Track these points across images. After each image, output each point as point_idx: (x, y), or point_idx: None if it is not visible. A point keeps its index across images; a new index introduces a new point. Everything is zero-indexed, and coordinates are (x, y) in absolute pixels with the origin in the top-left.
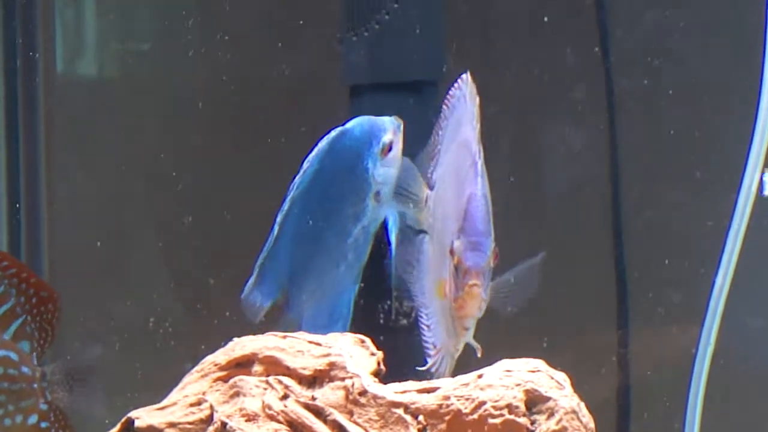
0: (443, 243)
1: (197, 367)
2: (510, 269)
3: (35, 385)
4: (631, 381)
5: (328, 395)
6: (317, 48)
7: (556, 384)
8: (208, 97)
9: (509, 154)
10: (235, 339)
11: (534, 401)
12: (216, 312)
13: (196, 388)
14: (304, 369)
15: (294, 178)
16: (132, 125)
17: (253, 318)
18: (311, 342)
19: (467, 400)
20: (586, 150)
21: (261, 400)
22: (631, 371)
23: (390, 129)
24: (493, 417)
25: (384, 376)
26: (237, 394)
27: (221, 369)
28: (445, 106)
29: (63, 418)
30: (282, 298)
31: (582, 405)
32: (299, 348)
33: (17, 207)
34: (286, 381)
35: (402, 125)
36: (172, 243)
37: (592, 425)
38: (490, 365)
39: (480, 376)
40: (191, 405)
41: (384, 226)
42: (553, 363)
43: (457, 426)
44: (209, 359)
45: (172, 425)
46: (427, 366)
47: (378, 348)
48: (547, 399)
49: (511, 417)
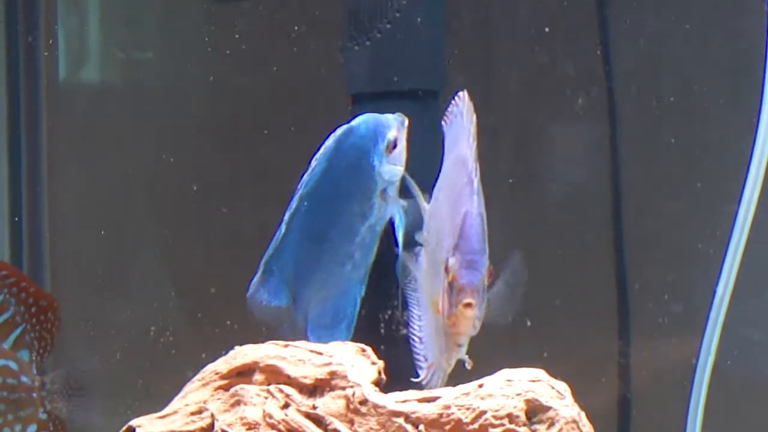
0: (437, 258)
1: (198, 376)
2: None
3: (34, 395)
4: (632, 391)
5: (328, 404)
6: (320, 57)
7: (556, 394)
8: (210, 105)
9: (510, 163)
10: (237, 348)
11: (534, 411)
12: (217, 321)
13: (197, 396)
14: (305, 378)
15: (302, 176)
16: (134, 133)
17: (258, 317)
18: (312, 351)
19: (468, 409)
20: (586, 160)
21: (262, 409)
22: (632, 381)
23: (394, 126)
24: (494, 426)
25: (385, 385)
26: (238, 402)
27: (222, 378)
28: (444, 122)
29: (62, 427)
30: (288, 297)
31: (582, 415)
32: (300, 357)
33: (19, 215)
34: (287, 390)
35: (405, 121)
36: (173, 251)
37: None
38: (490, 375)
39: (481, 385)
40: (192, 413)
41: (390, 224)
42: (554, 373)
43: None
44: (210, 368)
45: None
46: (419, 379)
47: (379, 357)
48: (548, 408)
49: (512, 426)
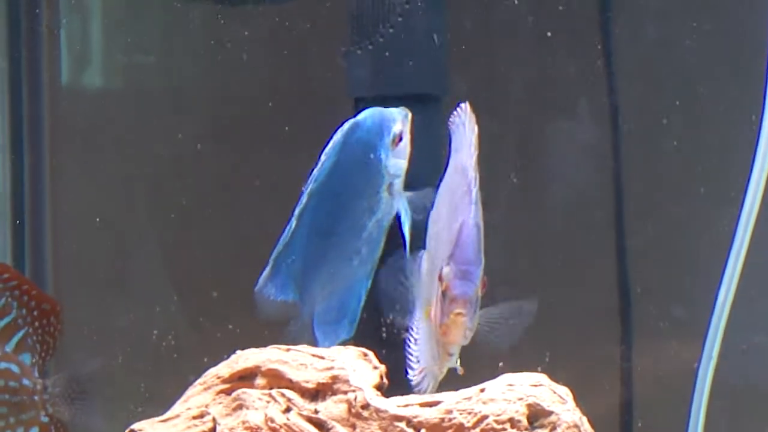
0: (434, 265)
1: (200, 380)
2: (502, 302)
3: (36, 398)
4: (634, 395)
5: (330, 408)
6: (322, 60)
7: (558, 398)
8: (212, 109)
9: (512, 168)
10: (239, 351)
11: (536, 415)
12: (219, 325)
13: (199, 400)
14: (306, 382)
15: (311, 171)
16: (136, 136)
17: (266, 312)
18: (314, 355)
19: (469, 414)
20: (589, 164)
21: (264, 413)
22: (634, 386)
23: (399, 119)
24: (496, 431)
25: (387, 389)
26: (240, 407)
27: (224, 382)
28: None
29: (64, 430)
30: (295, 292)
31: (584, 419)
32: (302, 361)
33: (21, 218)
34: (288, 394)
35: (409, 115)
36: (175, 256)
37: None
38: (492, 379)
39: (482, 390)
40: (194, 417)
41: (396, 219)
42: (556, 377)
43: None
44: (212, 372)
45: None
46: (410, 377)
47: (381, 361)
48: (550, 413)
49: (514, 431)
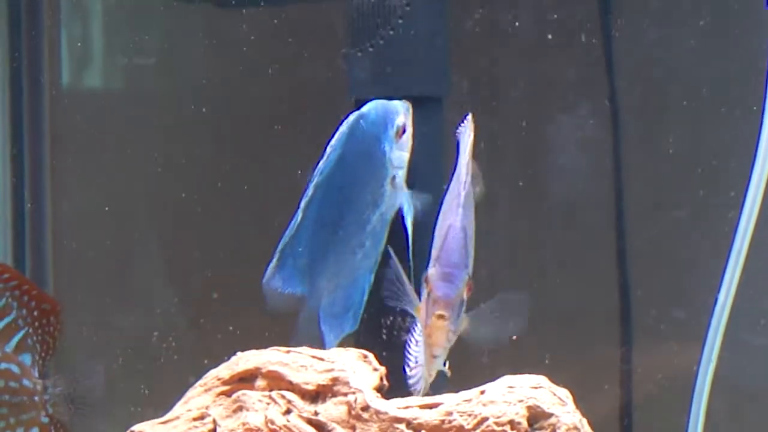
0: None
1: (200, 381)
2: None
3: (36, 398)
4: (634, 398)
5: (330, 410)
6: (323, 62)
7: (558, 400)
8: (213, 111)
9: (512, 170)
10: (239, 353)
11: (536, 417)
12: (219, 326)
13: (199, 402)
14: (307, 384)
15: (317, 163)
16: (136, 138)
17: (273, 304)
18: (314, 357)
19: (470, 415)
20: (589, 168)
21: (264, 414)
22: (634, 388)
23: (402, 111)
24: None
25: (387, 391)
26: (240, 408)
27: (224, 383)
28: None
29: (64, 431)
30: (302, 285)
31: (584, 421)
32: (302, 363)
33: (22, 220)
34: (289, 396)
35: (410, 107)
36: (175, 257)
37: None
38: (492, 381)
39: (483, 392)
40: (194, 419)
41: (399, 213)
42: (556, 379)
43: None
44: (212, 373)
45: None
46: (407, 376)
47: (381, 363)
48: (550, 415)
49: None
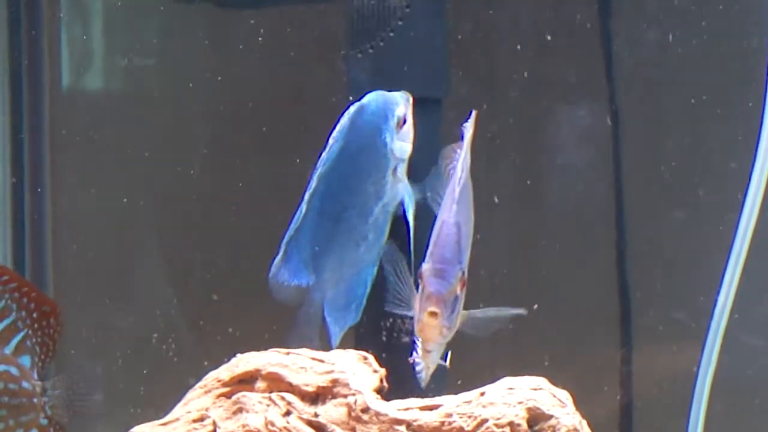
0: None
1: (200, 383)
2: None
3: (35, 400)
4: (634, 399)
5: (330, 412)
6: (323, 64)
7: (558, 402)
8: (212, 112)
9: (512, 171)
10: (239, 355)
11: (536, 419)
12: (219, 328)
13: (199, 403)
14: (306, 385)
15: (320, 154)
16: (136, 140)
17: (279, 297)
18: (314, 359)
19: (469, 417)
20: (589, 169)
21: (264, 416)
22: (634, 389)
23: (402, 102)
24: None
25: (387, 393)
26: (240, 410)
27: (224, 385)
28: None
29: None
30: (307, 277)
31: (584, 423)
32: (302, 364)
33: (22, 221)
34: (288, 397)
35: (410, 99)
36: (175, 258)
37: None
38: (492, 383)
39: (482, 393)
40: (194, 421)
41: (400, 206)
42: (556, 381)
43: None
44: (212, 375)
45: None
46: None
47: (381, 365)
48: (549, 417)
49: None
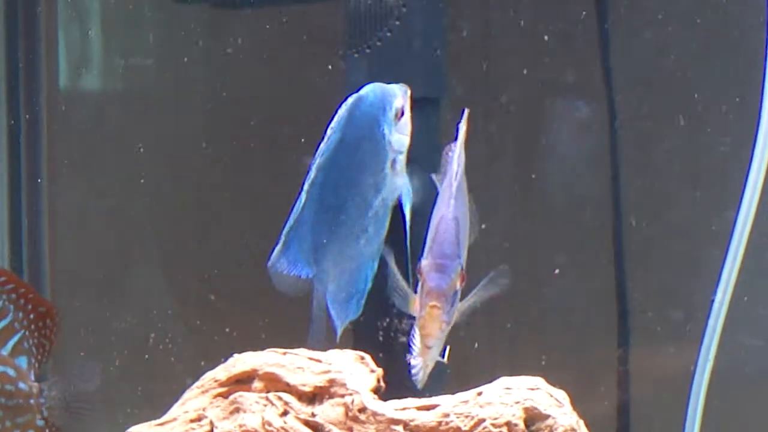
0: None
1: (198, 383)
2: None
3: (32, 401)
4: (631, 399)
5: (327, 412)
6: (320, 63)
7: (555, 402)
8: (210, 113)
9: (509, 172)
10: (236, 355)
11: (533, 419)
12: (216, 328)
13: (196, 404)
14: (304, 385)
15: (318, 145)
16: (134, 140)
17: (280, 287)
18: (311, 359)
19: (467, 417)
20: (587, 168)
21: (261, 416)
22: (631, 389)
23: (399, 94)
24: None
25: (384, 392)
26: (237, 410)
27: (221, 385)
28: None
29: None
30: (308, 268)
31: (581, 423)
32: (299, 364)
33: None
34: (286, 397)
35: (408, 90)
36: (172, 259)
37: None
38: (489, 382)
39: (480, 393)
40: (191, 421)
41: (398, 200)
42: (553, 381)
43: None
44: (209, 375)
45: None
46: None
47: (378, 365)
48: (547, 417)
49: None
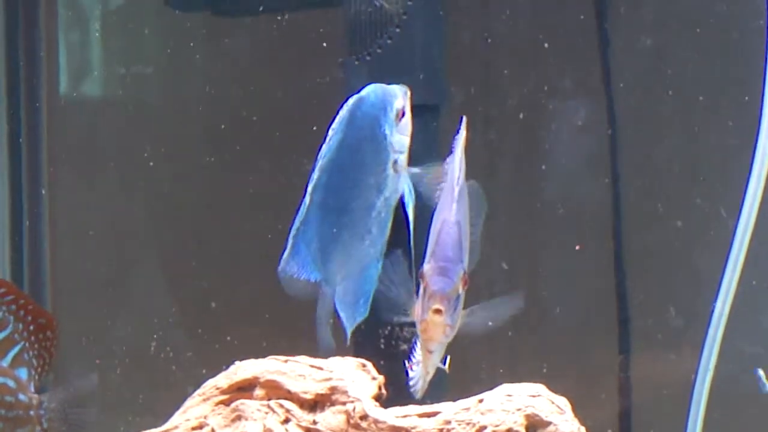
0: None
1: (199, 391)
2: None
3: (32, 413)
4: (632, 406)
5: (329, 419)
6: (320, 71)
7: (556, 409)
8: (210, 120)
9: (509, 177)
10: (237, 363)
11: (535, 426)
12: (217, 336)
13: (197, 411)
14: (305, 393)
15: (320, 147)
16: (134, 148)
17: (291, 291)
18: (313, 366)
19: (468, 424)
20: (586, 174)
21: (262, 424)
22: (632, 395)
23: (400, 95)
24: None
25: (385, 400)
26: (238, 417)
27: (223, 392)
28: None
29: None
30: (317, 271)
31: (583, 429)
32: (300, 372)
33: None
34: (287, 405)
35: (408, 92)
36: (173, 267)
37: None
38: (491, 389)
39: (481, 400)
40: (193, 429)
41: (400, 200)
42: (554, 388)
43: None
44: (211, 383)
45: None
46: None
47: (379, 372)
48: (548, 424)
49: None
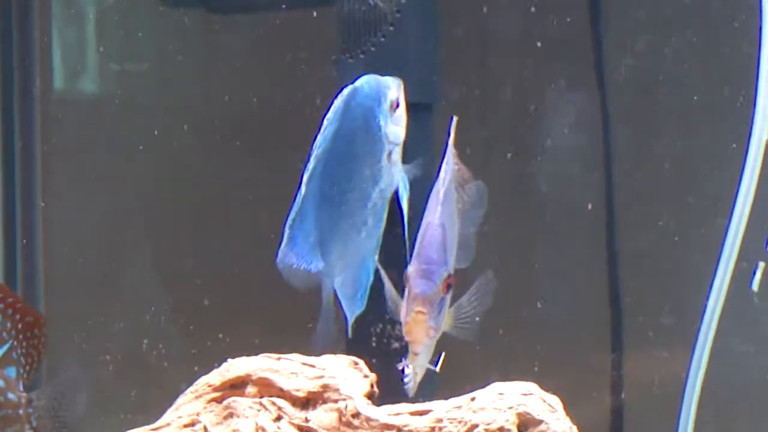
0: None
1: (191, 388)
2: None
3: (21, 412)
4: (624, 404)
5: (321, 417)
6: (314, 69)
7: (548, 407)
8: (204, 118)
9: (503, 176)
10: (230, 360)
11: (526, 424)
12: (210, 333)
13: (190, 409)
14: (297, 391)
15: (315, 137)
16: (128, 145)
17: (291, 282)
18: (305, 364)
19: (460, 422)
20: (579, 174)
21: (254, 421)
22: (624, 394)
23: (394, 86)
24: None
25: (377, 398)
26: (231, 415)
27: (215, 390)
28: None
29: None
30: (316, 262)
31: (574, 428)
32: (293, 370)
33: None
34: (279, 402)
35: (402, 84)
36: (166, 264)
37: None
38: (483, 388)
39: (473, 398)
40: (185, 426)
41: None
42: (546, 386)
43: None
44: (203, 380)
45: None
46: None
47: (371, 370)
48: (540, 422)
49: None
